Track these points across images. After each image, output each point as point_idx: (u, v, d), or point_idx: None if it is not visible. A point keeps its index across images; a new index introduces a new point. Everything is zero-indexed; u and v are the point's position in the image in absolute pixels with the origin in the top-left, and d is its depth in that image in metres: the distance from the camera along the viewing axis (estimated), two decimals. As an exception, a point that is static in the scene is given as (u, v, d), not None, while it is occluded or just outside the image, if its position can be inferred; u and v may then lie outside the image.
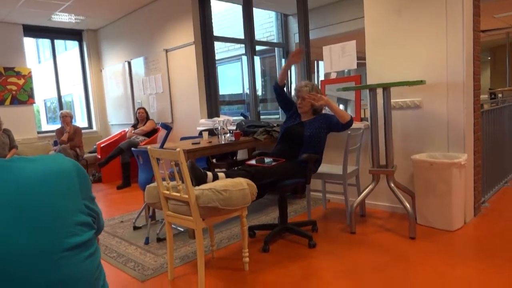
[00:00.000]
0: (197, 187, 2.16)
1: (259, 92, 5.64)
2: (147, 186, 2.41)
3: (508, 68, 8.75)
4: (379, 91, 3.11)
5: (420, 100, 3.14)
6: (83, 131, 5.95)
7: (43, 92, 13.11)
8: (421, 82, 2.87)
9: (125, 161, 5.22)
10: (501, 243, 2.54)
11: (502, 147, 4.01)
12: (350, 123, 2.83)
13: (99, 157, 5.78)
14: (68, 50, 11.38)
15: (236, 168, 2.72)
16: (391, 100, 3.10)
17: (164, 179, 2.28)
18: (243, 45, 5.60)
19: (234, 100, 7.96)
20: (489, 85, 8.85)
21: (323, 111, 3.13)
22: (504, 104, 4.23)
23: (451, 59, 2.94)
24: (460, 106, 2.94)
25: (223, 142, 3.34)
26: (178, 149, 2.07)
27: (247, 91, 5.25)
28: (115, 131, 6.75)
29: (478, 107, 3.17)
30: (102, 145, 5.88)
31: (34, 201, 0.75)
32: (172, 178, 2.32)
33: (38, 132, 6.42)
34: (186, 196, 2.11)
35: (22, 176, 0.77)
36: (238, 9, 6.94)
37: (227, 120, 4.29)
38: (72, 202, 0.82)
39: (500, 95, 6.91)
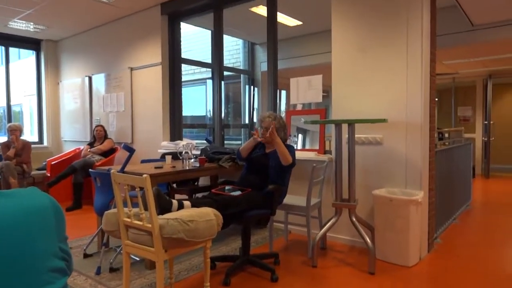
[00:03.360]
0: (161, 216, 2.06)
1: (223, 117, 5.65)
2: (106, 212, 2.27)
3: (453, 110, 9.47)
4: (344, 126, 3.22)
5: (381, 137, 3.28)
6: (32, 146, 5.55)
7: (-12, 100, 12.20)
8: (384, 120, 3.01)
9: (77, 181, 4.91)
10: (454, 280, 2.64)
11: (451, 185, 4.26)
12: (291, 165, 2.84)
13: (49, 175, 5.40)
14: (22, 58, 10.77)
15: (201, 195, 2.64)
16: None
17: (125, 205, 2.16)
18: (208, 69, 5.62)
19: (197, 124, 7.88)
20: (436, 124, 9.51)
21: (288, 142, 3.16)
22: (454, 144, 4.53)
23: (410, 100, 3.12)
24: (418, 145, 3.11)
25: (187, 168, 3.25)
26: (144, 175, 1.97)
27: (209, 115, 5.22)
28: (68, 148, 6.37)
29: (433, 146, 3.37)
30: (52, 163, 5.50)
31: (6, 245, 0.66)
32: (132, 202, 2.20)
33: (-20, 144, 5.90)
34: (149, 225, 2.00)
35: None
36: (204, 32, 7.00)
37: (191, 145, 4.20)
38: (47, 246, 0.73)
39: (446, 135, 7.42)
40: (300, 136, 4.07)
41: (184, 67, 5.34)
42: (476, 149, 8.42)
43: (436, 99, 10.18)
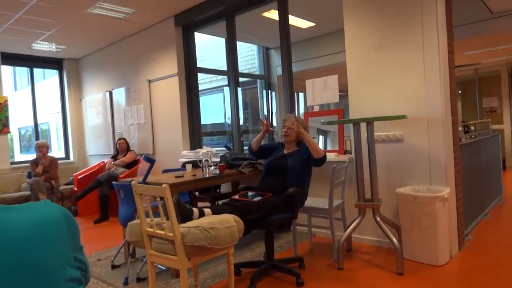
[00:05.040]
0: (182, 225, 2.08)
1: (241, 123, 5.70)
2: (129, 223, 2.31)
3: (478, 101, 9.16)
4: (363, 125, 3.17)
5: (401, 133, 3.21)
6: (59, 161, 5.74)
7: (18, 120, 12.75)
8: (403, 117, 2.94)
9: (103, 194, 5.04)
10: (488, 279, 2.54)
11: (480, 179, 4.11)
12: (323, 159, 2.81)
13: (76, 189, 5.56)
14: (47, 78, 11.21)
15: (222, 202, 2.65)
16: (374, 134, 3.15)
17: (147, 215, 2.19)
18: (225, 77, 5.66)
19: (216, 131, 7.95)
20: (461, 118, 9.22)
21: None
22: (480, 137, 4.38)
23: (429, 94, 3.04)
24: (440, 139, 3.02)
25: (207, 175, 3.27)
26: (164, 185, 2.00)
27: (229, 122, 5.26)
28: (93, 162, 6.56)
29: (457, 140, 3.26)
30: (79, 177, 5.67)
31: (19, 259, 0.68)
32: (155, 213, 2.23)
33: (12, 163, 6.15)
34: (171, 234, 2.03)
35: (5, 230, 0.70)
36: (219, 40, 7.08)
37: (211, 152, 4.24)
38: (61, 256, 0.75)
39: (472, 128, 7.17)
40: (320, 137, 4.04)
41: (200, 76, 5.42)
42: (505, 141, 8.10)
43: (459, 92, 9.94)
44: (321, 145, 3.98)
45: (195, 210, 2.32)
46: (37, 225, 0.74)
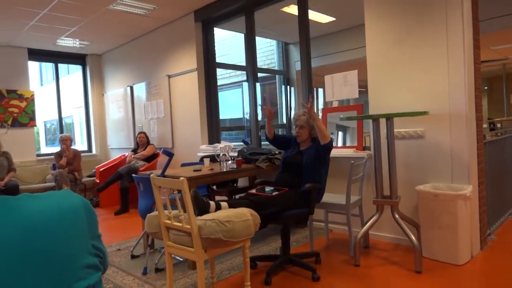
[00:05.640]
0: (199, 217, 2.11)
1: (259, 118, 5.69)
2: (148, 215, 2.36)
3: (505, 98, 8.85)
4: (382, 121, 3.12)
5: (422, 130, 3.14)
6: (82, 154, 5.91)
7: (44, 114, 13.16)
8: (424, 113, 2.88)
9: (124, 186, 5.16)
10: (510, 280, 2.47)
11: (505, 178, 3.99)
12: (329, 145, 2.77)
13: (98, 181, 5.71)
14: (71, 73, 11.51)
15: (238, 196, 2.67)
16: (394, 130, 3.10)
17: (165, 208, 2.23)
18: (244, 72, 5.68)
19: (235, 126, 7.99)
20: (487, 114, 8.93)
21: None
22: (506, 135, 4.23)
23: (453, 90, 2.96)
24: (463, 136, 2.94)
25: (225, 170, 3.30)
26: (181, 178, 2.03)
27: (247, 117, 5.27)
28: (115, 155, 6.71)
29: (481, 138, 3.17)
30: (101, 169, 5.82)
31: (41, 245, 0.71)
32: (173, 205, 2.27)
33: (37, 155, 6.37)
34: (188, 226, 2.06)
35: (28, 217, 0.73)
36: (237, 36, 7.09)
37: (228, 147, 4.26)
38: (80, 243, 0.78)
39: (498, 125, 6.95)
40: (340, 133, 4.00)
41: (220, 71, 5.44)
42: (534, 139, 7.80)
43: (485, 88, 9.62)
44: (340, 141, 3.94)
45: (212, 203, 2.35)
46: (57, 212, 0.77)
